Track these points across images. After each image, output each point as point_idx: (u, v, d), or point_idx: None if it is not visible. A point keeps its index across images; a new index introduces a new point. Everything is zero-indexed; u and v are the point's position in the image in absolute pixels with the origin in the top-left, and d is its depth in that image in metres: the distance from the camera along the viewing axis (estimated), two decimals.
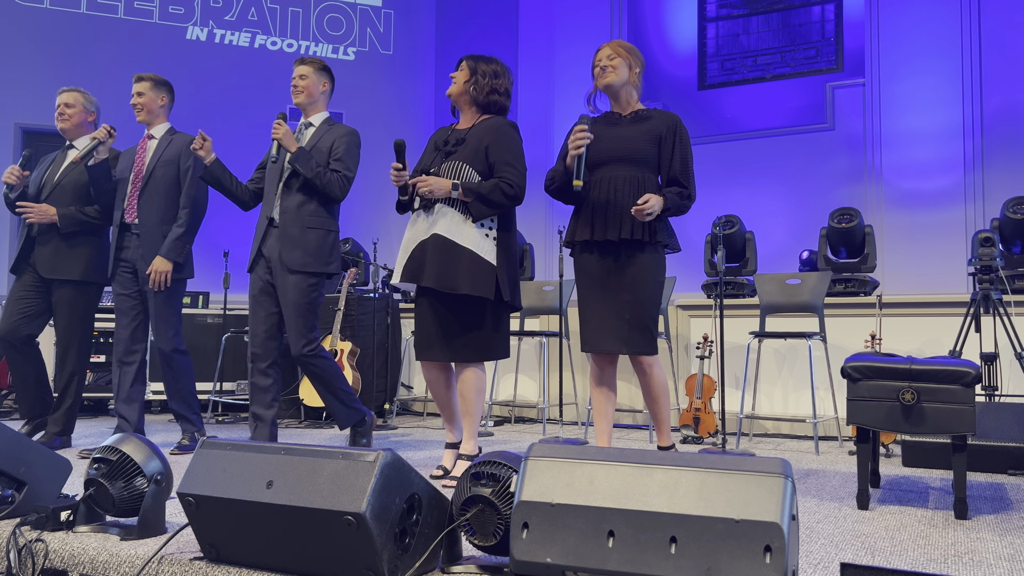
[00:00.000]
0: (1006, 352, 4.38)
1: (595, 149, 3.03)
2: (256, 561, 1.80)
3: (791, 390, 4.85)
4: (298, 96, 3.60)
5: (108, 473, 2.08)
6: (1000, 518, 2.55)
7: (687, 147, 3.04)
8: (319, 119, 3.64)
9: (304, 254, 3.42)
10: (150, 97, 3.87)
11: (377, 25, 8.91)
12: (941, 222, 6.71)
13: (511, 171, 3.01)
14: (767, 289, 4.55)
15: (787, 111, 7.83)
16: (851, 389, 2.66)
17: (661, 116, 3.07)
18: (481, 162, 3.02)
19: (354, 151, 3.57)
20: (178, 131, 3.94)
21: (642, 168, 3.00)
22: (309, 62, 3.61)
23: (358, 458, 1.71)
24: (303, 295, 3.45)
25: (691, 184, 3.02)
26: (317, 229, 3.47)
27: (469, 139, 3.07)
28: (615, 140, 3.03)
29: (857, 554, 2.06)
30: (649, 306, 2.97)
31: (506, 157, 3.02)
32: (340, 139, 3.54)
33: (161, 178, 3.80)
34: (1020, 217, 4.46)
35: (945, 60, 6.82)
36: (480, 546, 1.76)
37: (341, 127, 3.60)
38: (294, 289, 3.43)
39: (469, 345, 3.01)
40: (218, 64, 8.32)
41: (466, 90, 3.11)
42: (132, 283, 3.83)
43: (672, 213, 2.99)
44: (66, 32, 7.88)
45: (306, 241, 3.44)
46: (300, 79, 3.59)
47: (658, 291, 3.01)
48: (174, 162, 3.82)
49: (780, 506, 1.44)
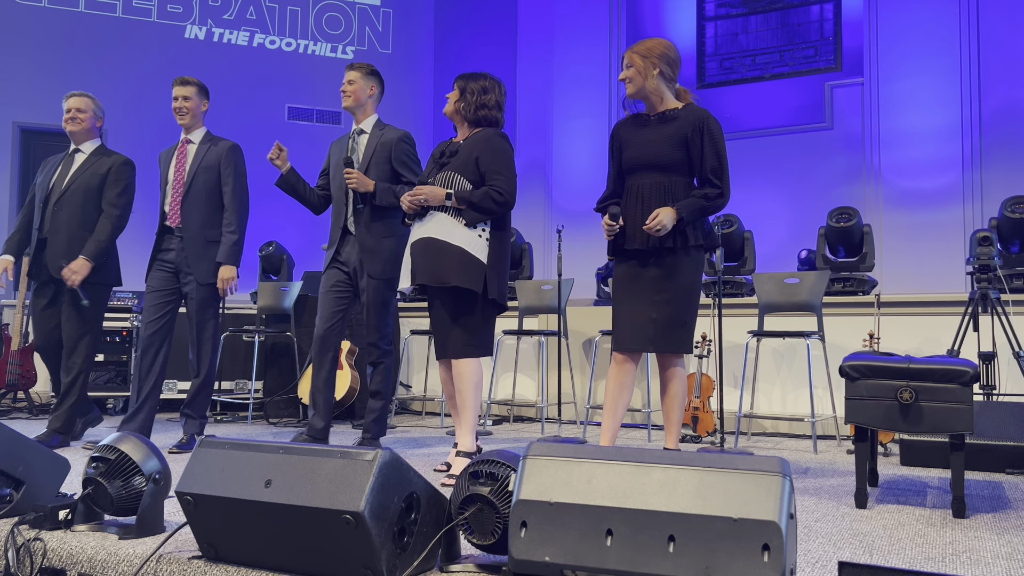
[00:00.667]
0: (1004, 351, 4.38)
1: (624, 157, 3.10)
2: (254, 560, 1.80)
3: (789, 389, 4.86)
4: (346, 100, 3.74)
5: (106, 472, 2.08)
6: (998, 517, 2.55)
7: (717, 142, 2.98)
8: (370, 124, 3.80)
9: (384, 263, 3.68)
10: (195, 102, 3.97)
11: (376, 24, 8.91)
12: (939, 221, 6.71)
13: (500, 179, 3.17)
14: (766, 288, 4.56)
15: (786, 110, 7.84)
16: (849, 388, 2.66)
17: (687, 114, 3.02)
18: (472, 171, 3.19)
19: (414, 155, 3.77)
20: (215, 136, 4.04)
21: (670, 173, 3.00)
22: (357, 67, 3.75)
23: (356, 457, 1.71)
24: (380, 295, 3.70)
25: (724, 181, 2.97)
26: (391, 237, 3.72)
27: (461, 151, 3.25)
28: (641, 147, 3.04)
29: (855, 553, 2.07)
30: (678, 306, 2.97)
31: (495, 166, 3.18)
32: (397, 146, 3.72)
33: (203, 184, 3.91)
34: (1018, 216, 4.46)
35: (944, 59, 6.82)
36: (478, 545, 1.76)
37: (393, 130, 3.76)
38: (374, 292, 3.69)
39: (458, 339, 3.17)
40: (217, 63, 8.31)
41: (457, 108, 3.30)
42: (171, 282, 3.89)
43: (698, 216, 2.97)
44: (64, 31, 7.87)
45: (382, 250, 3.69)
46: (348, 84, 3.73)
47: (690, 292, 2.99)
48: (214, 167, 3.93)
49: (778, 505, 1.44)
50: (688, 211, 2.93)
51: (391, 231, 3.73)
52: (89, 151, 4.09)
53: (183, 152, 3.97)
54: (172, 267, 3.90)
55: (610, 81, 8.21)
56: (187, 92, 3.95)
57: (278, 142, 3.71)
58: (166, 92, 8.12)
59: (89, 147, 4.10)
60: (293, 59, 8.57)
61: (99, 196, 4.01)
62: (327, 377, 3.72)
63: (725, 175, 2.97)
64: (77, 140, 4.08)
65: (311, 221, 8.37)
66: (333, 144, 3.95)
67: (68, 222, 3.96)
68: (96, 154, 4.08)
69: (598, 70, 8.26)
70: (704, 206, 2.95)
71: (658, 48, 3.04)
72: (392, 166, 3.71)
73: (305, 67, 8.64)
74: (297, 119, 8.55)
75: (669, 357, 3.03)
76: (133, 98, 8.03)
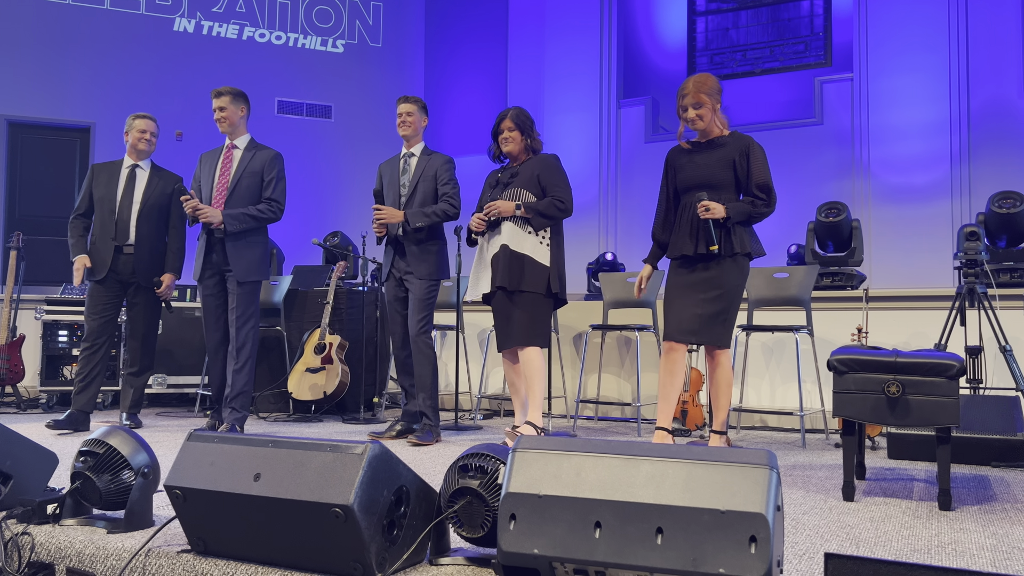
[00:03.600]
0: (991, 345, 4.41)
1: (680, 177, 3.44)
2: (244, 554, 1.80)
3: (778, 383, 4.88)
4: (405, 130, 4.21)
5: (95, 466, 2.07)
6: (983, 509, 2.58)
7: (760, 163, 3.33)
8: (419, 149, 4.24)
9: (429, 266, 4.08)
10: (232, 111, 4.22)
11: (366, 17, 8.87)
12: (927, 216, 6.75)
13: (560, 191, 3.78)
14: (755, 283, 4.57)
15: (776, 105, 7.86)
16: (837, 382, 2.68)
17: (734, 141, 3.37)
18: (535, 187, 3.79)
19: (454, 178, 4.18)
20: (260, 143, 4.32)
21: (720, 192, 3.33)
22: (413, 100, 4.21)
23: (346, 450, 1.71)
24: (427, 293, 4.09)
25: (770, 194, 3.31)
26: (434, 243, 4.13)
27: (522, 172, 3.84)
28: (695, 169, 3.38)
29: (842, 545, 2.08)
30: (722, 304, 3.28)
31: (555, 180, 3.81)
32: (442, 167, 4.15)
33: (246, 188, 4.18)
34: (1005, 211, 4.49)
35: (933, 56, 6.85)
36: (468, 538, 1.76)
37: (439, 156, 4.20)
38: (420, 288, 4.09)
39: (523, 331, 3.71)
40: (206, 56, 8.27)
41: (524, 145, 3.87)
42: (221, 286, 4.23)
43: (744, 219, 3.29)
44: (52, 24, 7.81)
45: (428, 255, 4.08)
46: (408, 115, 4.20)
47: (733, 293, 3.31)
48: (258, 173, 4.21)
49: (765, 497, 1.45)
50: (735, 211, 3.27)
51: (435, 237, 4.14)
52: (148, 168, 4.54)
53: (228, 157, 4.24)
54: (215, 268, 4.20)
55: (600, 76, 8.21)
56: (222, 103, 4.23)
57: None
58: (155, 86, 8.08)
59: (147, 165, 4.54)
60: (283, 52, 8.54)
61: (167, 213, 4.54)
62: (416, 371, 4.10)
63: (772, 190, 3.32)
64: (140, 158, 4.51)
65: (300, 216, 8.35)
66: (383, 165, 4.34)
67: (149, 236, 4.46)
68: (156, 172, 4.56)
69: (589, 65, 8.26)
70: (751, 212, 3.29)
71: (715, 84, 3.38)
72: (436, 184, 4.13)
73: (295, 61, 8.60)
74: (287, 113, 8.52)
75: (712, 349, 3.36)
76: (121, 92, 7.98)
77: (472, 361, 5.83)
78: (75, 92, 7.87)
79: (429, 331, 4.08)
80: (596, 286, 5.94)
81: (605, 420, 5.23)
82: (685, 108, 3.38)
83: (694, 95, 3.33)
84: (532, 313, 3.73)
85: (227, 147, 4.27)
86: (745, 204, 3.30)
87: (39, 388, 5.71)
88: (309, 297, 5.62)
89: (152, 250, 4.48)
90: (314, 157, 8.54)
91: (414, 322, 4.06)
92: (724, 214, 3.26)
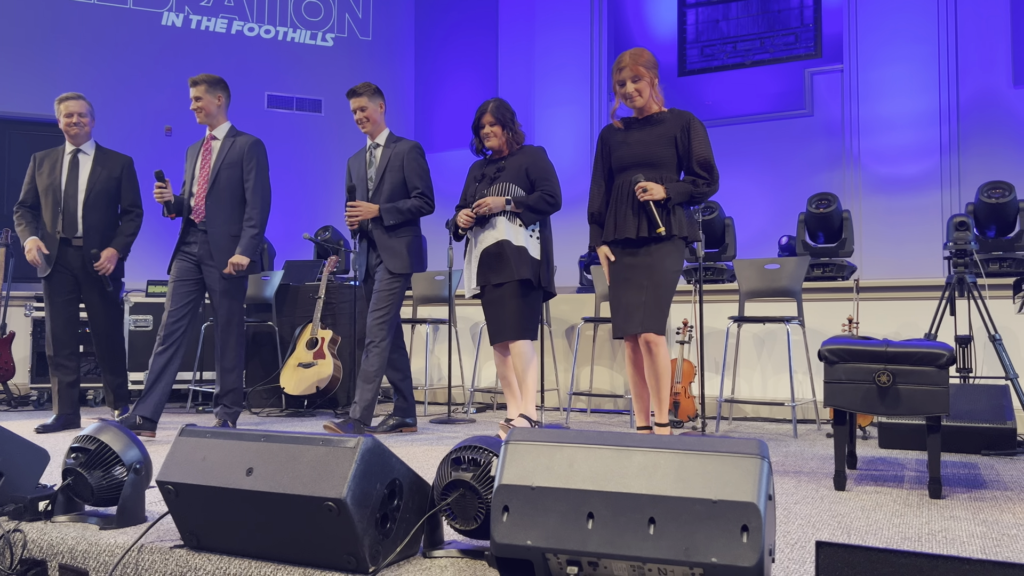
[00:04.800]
0: (980, 334, 4.44)
1: (615, 156, 3.26)
2: (237, 548, 1.80)
3: (770, 374, 4.90)
4: (365, 127, 4.08)
5: (86, 462, 2.06)
6: (973, 496, 2.60)
7: (702, 139, 3.16)
8: (383, 138, 4.12)
9: (400, 259, 3.98)
10: (208, 99, 4.03)
11: (356, 11, 8.83)
12: (917, 207, 6.78)
13: (549, 185, 3.71)
14: (746, 274, 4.59)
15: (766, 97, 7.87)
16: (828, 372, 2.69)
17: (674, 117, 3.21)
18: (523, 181, 3.72)
19: (424, 166, 4.05)
20: (240, 131, 4.13)
21: (659, 170, 3.17)
22: (362, 91, 4.03)
23: (338, 444, 1.71)
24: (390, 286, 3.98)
25: (712, 172, 3.14)
26: (405, 236, 4.01)
27: (509, 166, 3.76)
28: (632, 147, 3.21)
29: (833, 533, 2.10)
30: (661, 291, 3.14)
31: (544, 175, 3.73)
32: (408, 156, 4.02)
33: (226, 180, 4.03)
34: (995, 201, 4.51)
35: (922, 46, 6.87)
36: (461, 530, 1.77)
37: (404, 143, 4.05)
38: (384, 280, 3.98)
39: (515, 324, 3.68)
40: (194, 51, 8.22)
41: (507, 139, 3.76)
42: (194, 272, 4.03)
43: (685, 200, 3.15)
44: (39, 18, 7.75)
45: (398, 247, 3.98)
46: (361, 111, 4.04)
47: (672, 278, 3.18)
48: (238, 164, 4.05)
49: (757, 486, 1.46)
50: (676, 192, 3.12)
51: (406, 230, 4.02)
52: (92, 152, 4.27)
53: (208, 148, 4.08)
54: (195, 259, 4.03)
55: (591, 69, 8.20)
56: (197, 92, 4.03)
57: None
58: (143, 81, 8.03)
59: (90, 148, 4.28)
60: (272, 46, 8.50)
61: (117, 198, 4.28)
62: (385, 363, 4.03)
63: (714, 167, 3.15)
64: (77, 143, 4.24)
65: (290, 211, 8.32)
66: (351, 160, 4.23)
67: (99, 225, 4.20)
68: (101, 155, 4.28)
69: (579, 58, 8.25)
70: (692, 192, 3.13)
71: (652, 58, 3.22)
72: (404, 175, 4.01)
73: (285, 54, 8.56)
74: (277, 107, 8.48)
75: (648, 337, 3.17)
76: (110, 87, 7.93)
77: (465, 355, 5.83)
78: (63, 87, 7.81)
79: (388, 327, 3.93)
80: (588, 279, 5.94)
81: (598, 412, 5.25)
82: (622, 82, 3.18)
83: (632, 68, 3.15)
84: (522, 306, 3.68)
85: (207, 138, 4.11)
86: (686, 184, 3.13)
87: (29, 385, 5.68)
88: (301, 292, 5.61)
89: (103, 240, 4.22)
90: (304, 151, 8.51)
91: (373, 315, 3.92)
92: (664, 195, 3.09)
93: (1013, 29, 6.70)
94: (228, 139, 4.08)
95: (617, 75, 3.20)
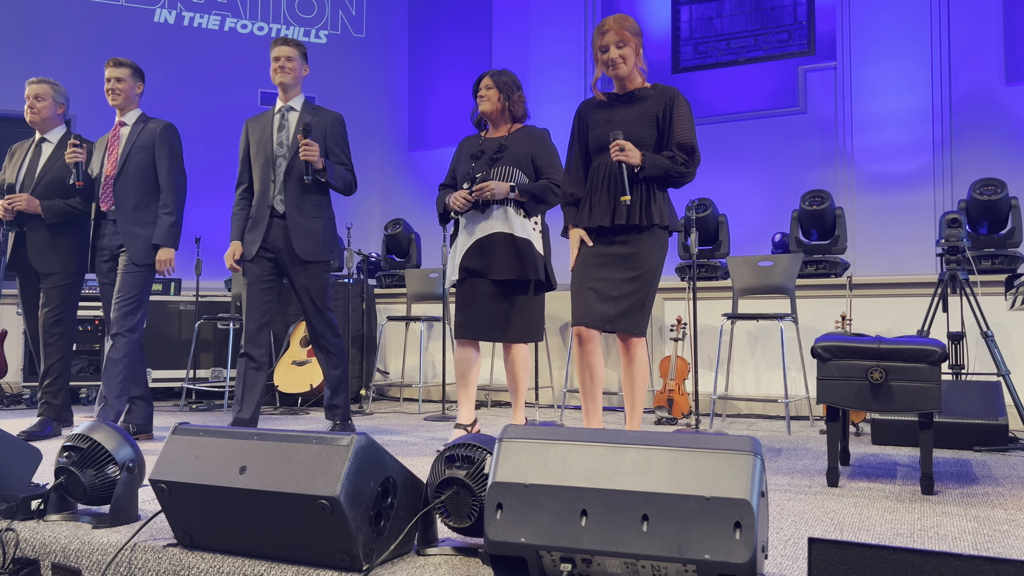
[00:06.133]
0: (972, 331, 4.45)
1: (592, 135, 3.00)
2: (230, 547, 1.80)
3: (763, 371, 4.91)
4: (284, 76, 3.65)
5: (79, 461, 2.06)
6: (965, 492, 2.61)
7: (685, 120, 2.91)
8: (299, 102, 3.73)
9: (315, 243, 3.61)
10: (129, 84, 3.83)
11: (349, 8, 8.81)
12: (910, 204, 6.80)
13: (556, 173, 3.40)
14: (740, 271, 4.59)
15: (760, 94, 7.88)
16: (821, 369, 2.70)
17: (657, 94, 2.95)
18: (528, 166, 3.40)
19: (346, 138, 3.74)
20: (150, 117, 3.90)
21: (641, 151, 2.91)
22: (293, 44, 3.69)
23: (332, 442, 1.70)
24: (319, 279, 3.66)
25: (693, 155, 2.89)
26: (321, 218, 3.66)
27: (510, 146, 3.42)
28: (611, 126, 2.95)
29: (826, 530, 2.10)
30: (642, 286, 2.89)
31: (551, 161, 3.43)
32: (332, 129, 3.68)
33: (136, 165, 3.77)
34: (987, 198, 4.53)
35: (914, 43, 6.88)
36: (455, 528, 1.77)
37: (326, 112, 3.71)
38: (308, 276, 3.63)
39: (521, 327, 3.39)
40: (187, 48, 8.19)
41: (502, 106, 3.43)
42: (112, 270, 3.82)
43: (659, 175, 2.86)
44: (29, 15, 7.71)
45: (315, 231, 3.61)
46: (288, 61, 3.66)
47: (654, 273, 2.93)
48: (148, 148, 3.79)
49: (749, 483, 1.46)
50: (651, 163, 2.85)
51: (321, 211, 3.66)
52: (56, 140, 4.00)
53: (116, 135, 3.84)
54: (107, 253, 3.80)
55: (586, 66, 8.19)
56: (121, 73, 3.79)
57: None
58: None
59: (55, 136, 4.00)
60: (265, 43, 8.46)
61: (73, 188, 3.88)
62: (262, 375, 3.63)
63: (696, 151, 2.89)
64: (39, 129, 3.99)
65: None
66: (250, 122, 3.79)
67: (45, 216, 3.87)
68: (63, 143, 3.99)
69: (573, 55, 8.24)
70: (668, 168, 2.86)
71: (637, 25, 2.97)
72: (326, 145, 3.65)
73: None
74: (270, 104, 8.45)
75: (627, 338, 2.96)
76: (102, 84, 7.89)
77: None
78: None
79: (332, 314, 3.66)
80: None
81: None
82: (605, 47, 2.91)
83: (617, 32, 2.89)
84: (535, 306, 3.43)
85: (116, 125, 3.86)
86: (664, 159, 2.86)
87: (22, 384, 5.66)
88: None
89: (50, 231, 3.91)
90: None
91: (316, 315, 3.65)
92: (639, 162, 2.83)
93: (1005, 26, 6.72)
94: (138, 124, 3.84)
95: (599, 39, 2.94)
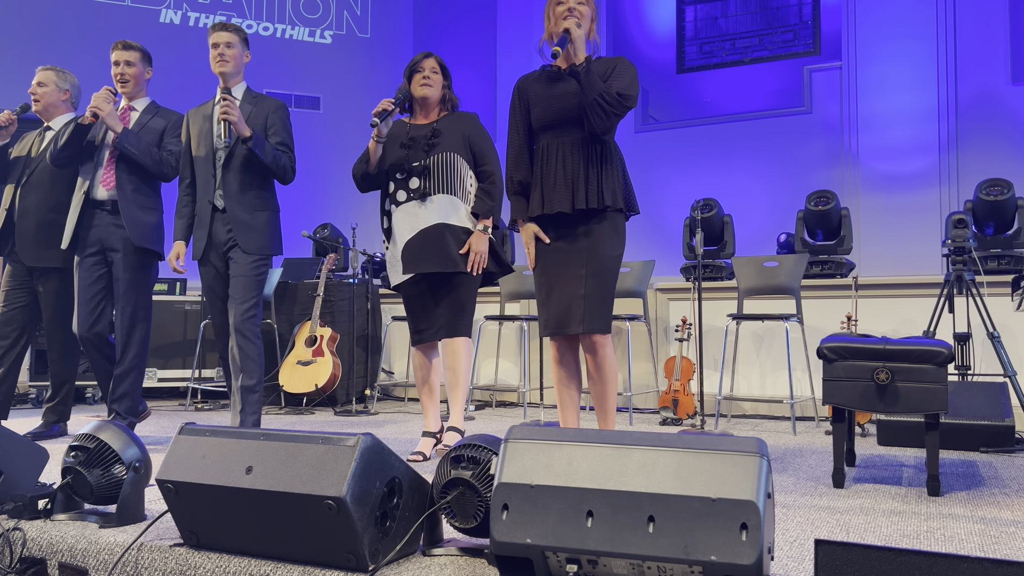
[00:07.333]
0: (979, 332, 4.44)
1: (535, 112, 2.78)
2: (236, 547, 1.80)
3: (769, 371, 4.90)
4: (224, 66, 3.40)
5: (86, 461, 2.06)
6: (971, 494, 2.60)
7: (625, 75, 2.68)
8: (240, 90, 3.49)
9: (260, 237, 3.39)
10: (139, 69, 3.67)
11: (354, 8, 8.82)
12: (916, 204, 6.78)
13: (492, 163, 3.26)
14: (745, 272, 4.59)
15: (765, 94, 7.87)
16: (827, 369, 2.69)
17: (601, 64, 2.75)
18: (466, 151, 3.23)
19: (290, 128, 3.52)
20: (161, 106, 3.75)
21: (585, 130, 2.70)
22: (233, 29, 3.44)
23: (338, 442, 1.71)
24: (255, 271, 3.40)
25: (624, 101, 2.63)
26: (264, 211, 3.43)
27: (445, 131, 3.22)
28: (554, 100, 2.73)
29: (832, 531, 2.10)
30: (604, 280, 2.69)
31: (487, 151, 3.26)
32: (274, 115, 3.45)
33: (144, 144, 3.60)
34: (993, 199, 4.52)
35: (921, 43, 6.87)
36: (461, 528, 1.77)
37: (269, 100, 3.49)
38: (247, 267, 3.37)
39: (455, 319, 3.20)
40: (192, 48, 8.20)
41: (444, 94, 3.29)
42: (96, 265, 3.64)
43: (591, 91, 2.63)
44: (36, 15, 7.74)
45: (259, 225, 3.40)
46: (227, 48, 3.40)
47: (614, 264, 2.72)
48: (158, 131, 3.64)
49: (756, 484, 1.46)
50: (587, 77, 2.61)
51: (266, 204, 3.44)
52: (58, 127, 3.83)
53: (125, 118, 3.65)
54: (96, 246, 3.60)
55: None
56: (130, 56, 3.62)
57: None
58: None
59: (59, 123, 3.84)
60: (270, 44, 8.48)
61: (71, 175, 3.71)
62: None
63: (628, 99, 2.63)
64: (45, 117, 3.84)
65: (289, 208, 8.31)
66: (191, 113, 3.56)
67: (38, 207, 3.72)
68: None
69: None
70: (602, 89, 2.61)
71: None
72: (266, 131, 3.44)
73: (283, 52, 8.55)
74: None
75: (591, 337, 2.71)
76: (107, 83, 7.91)
77: None
78: None
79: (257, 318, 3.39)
80: None
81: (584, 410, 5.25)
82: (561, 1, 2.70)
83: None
84: (465, 298, 3.20)
85: (124, 108, 3.67)
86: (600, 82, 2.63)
87: (28, 383, 5.68)
88: (299, 289, 5.61)
89: (41, 222, 3.70)
90: (303, 149, 8.50)
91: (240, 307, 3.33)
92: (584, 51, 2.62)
93: (1012, 26, 6.70)
94: (148, 112, 3.67)
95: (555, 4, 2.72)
